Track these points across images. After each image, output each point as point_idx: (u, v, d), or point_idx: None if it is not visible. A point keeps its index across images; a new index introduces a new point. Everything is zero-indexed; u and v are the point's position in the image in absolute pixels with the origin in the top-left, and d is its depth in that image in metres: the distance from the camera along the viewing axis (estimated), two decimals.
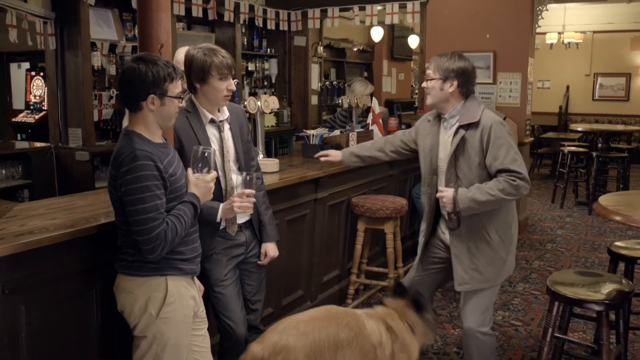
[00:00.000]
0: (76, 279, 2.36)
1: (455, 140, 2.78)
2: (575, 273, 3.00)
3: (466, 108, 2.81)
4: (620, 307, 2.72)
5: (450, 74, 2.77)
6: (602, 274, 2.99)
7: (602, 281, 2.82)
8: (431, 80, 2.83)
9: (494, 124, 2.74)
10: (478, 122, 2.75)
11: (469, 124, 2.76)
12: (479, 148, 2.74)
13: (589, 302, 2.59)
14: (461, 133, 2.77)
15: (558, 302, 2.70)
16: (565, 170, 7.87)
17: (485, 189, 2.68)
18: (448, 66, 2.77)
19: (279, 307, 3.71)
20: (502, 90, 6.26)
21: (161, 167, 2.05)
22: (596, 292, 2.67)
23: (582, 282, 2.79)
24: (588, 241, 6.23)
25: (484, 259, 2.82)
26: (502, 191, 2.65)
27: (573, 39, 11.35)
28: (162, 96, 2.09)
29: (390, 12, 6.71)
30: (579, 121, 12.03)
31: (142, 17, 2.36)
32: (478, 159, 2.75)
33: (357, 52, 10.63)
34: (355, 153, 3.40)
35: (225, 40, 6.83)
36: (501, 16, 6.14)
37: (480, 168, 2.77)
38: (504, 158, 2.70)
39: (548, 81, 12.50)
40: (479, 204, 2.68)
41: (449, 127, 2.88)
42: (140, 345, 2.14)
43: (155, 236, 2.01)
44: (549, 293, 2.74)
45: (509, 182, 2.66)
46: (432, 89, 2.82)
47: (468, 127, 2.77)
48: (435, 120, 2.97)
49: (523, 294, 4.65)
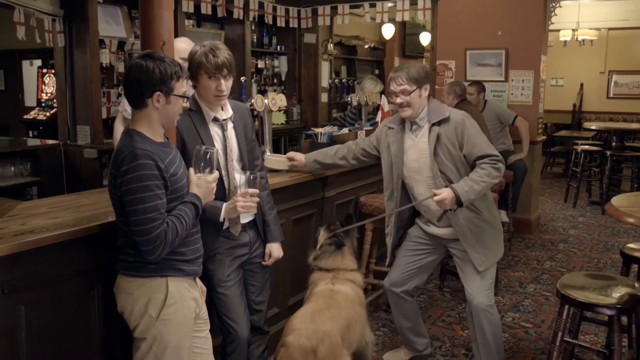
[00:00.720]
0: (77, 279, 2.33)
1: (432, 138, 2.97)
2: (586, 276, 2.93)
3: (432, 109, 3.03)
4: (633, 311, 2.65)
5: (423, 79, 2.99)
6: (614, 276, 2.93)
7: (614, 284, 2.75)
8: (410, 93, 2.95)
9: (464, 117, 2.99)
10: (448, 117, 2.98)
11: (440, 121, 2.97)
12: (454, 140, 2.95)
13: (600, 306, 2.54)
14: (435, 130, 2.97)
15: (568, 305, 2.63)
16: (578, 169, 7.76)
17: (476, 179, 2.87)
18: (417, 74, 2.97)
19: (285, 307, 3.67)
20: (514, 88, 6.18)
21: (162, 167, 2.02)
22: (608, 295, 2.61)
23: (593, 286, 2.73)
24: (601, 241, 6.14)
25: (488, 236, 3.04)
26: (489, 176, 2.88)
27: (587, 36, 11.19)
28: (167, 94, 2.06)
29: (401, 9, 6.62)
30: (593, 119, 11.88)
31: (144, 14, 2.33)
32: (456, 151, 2.96)
33: (368, 49, 10.56)
34: (318, 160, 3.51)
35: (234, 38, 6.80)
36: (513, 13, 6.06)
37: (460, 158, 2.97)
38: (482, 145, 2.94)
39: (562, 79, 12.34)
40: (476, 194, 2.87)
41: (419, 129, 3.05)
42: (141, 347, 2.11)
43: (155, 237, 1.98)
44: (559, 296, 2.68)
45: (492, 166, 2.89)
46: (413, 99, 2.96)
47: (439, 123, 2.98)
48: (399, 127, 3.13)
49: (534, 295, 4.58)
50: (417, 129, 3.06)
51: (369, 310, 4.19)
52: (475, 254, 3.02)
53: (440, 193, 2.85)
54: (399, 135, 3.13)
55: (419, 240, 3.27)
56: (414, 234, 3.30)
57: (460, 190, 2.84)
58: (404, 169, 3.12)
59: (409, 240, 3.31)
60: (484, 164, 2.90)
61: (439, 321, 4.09)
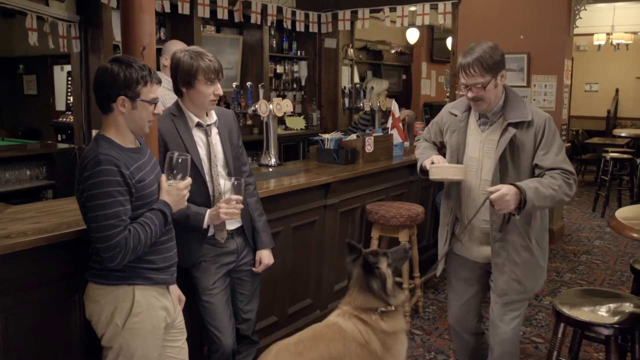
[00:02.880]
0: (56, 285, 2.31)
1: (505, 140, 2.53)
2: (588, 293, 2.78)
3: (511, 103, 2.57)
4: (633, 330, 2.49)
5: (499, 64, 2.50)
6: (620, 293, 2.77)
7: (618, 302, 2.60)
8: (485, 86, 2.49)
9: (547, 120, 2.55)
10: (531, 121, 2.52)
11: (519, 122, 2.52)
12: (531, 148, 2.53)
13: (596, 325, 2.39)
14: (511, 132, 2.52)
15: (564, 324, 2.50)
16: (607, 178, 7.50)
17: (545, 183, 2.44)
18: (492, 59, 2.48)
19: (284, 316, 3.61)
20: (537, 94, 5.99)
21: (126, 173, 1.98)
22: (607, 313, 2.47)
23: (593, 303, 2.59)
24: (627, 253, 5.89)
25: (525, 269, 2.63)
26: (560, 188, 2.45)
27: (622, 39, 10.83)
28: (133, 99, 2.02)
29: (422, 13, 6.54)
30: (628, 126, 11.49)
31: (125, 18, 2.31)
32: (529, 161, 2.54)
33: (395, 54, 10.46)
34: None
35: (253, 43, 6.79)
36: (536, 17, 5.88)
37: (530, 172, 2.56)
38: (556, 155, 2.51)
39: (596, 84, 11.98)
40: (542, 200, 2.43)
41: (488, 124, 2.62)
42: (108, 356, 2.08)
43: (114, 244, 1.94)
44: (554, 314, 2.55)
45: (565, 180, 2.47)
46: (489, 92, 2.51)
47: (517, 125, 2.53)
48: (464, 115, 2.70)
49: (549, 309, 4.40)
50: (486, 122, 2.63)
51: None
52: (500, 281, 2.63)
53: (499, 188, 2.41)
54: (461, 124, 2.69)
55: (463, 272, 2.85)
56: (457, 263, 2.86)
57: (525, 187, 2.39)
58: (466, 162, 2.68)
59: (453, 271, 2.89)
60: (556, 174, 2.49)
61: (446, 334, 3.96)
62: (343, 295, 4.08)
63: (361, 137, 4.32)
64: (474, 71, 2.48)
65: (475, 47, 2.53)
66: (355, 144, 4.30)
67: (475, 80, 2.48)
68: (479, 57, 2.48)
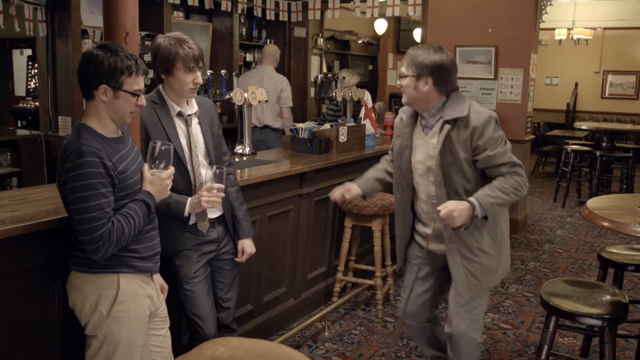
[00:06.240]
0: (35, 275, 2.27)
1: (442, 138, 2.53)
2: (568, 283, 2.85)
3: (449, 103, 2.56)
4: (621, 321, 2.59)
5: (424, 70, 2.49)
6: (595, 283, 2.88)
7: (598, 292, 2.71)
8: (405, 77, 2.55)
9: (488, 119, 2.52)
10: (467, 116, 2.50)
11: (456, 119, 2.52)
12: (468, 145, 2.51)
13: (591, 317, 2.49)
14: (447, 129, 2.52)
15: (555, 316, 2.57)
16: (568, 169, 7.72)
17: (503, 188, 2.47)
18: (422, 61, 2.50)
19: (259, 304, 3.62)
20: (503, 87, 6.12)
21: (109, 165, 1.95)
22: (594, 305, 2.56)
23: (577, 294, 2.67)
24: (587, 242, 6.10)
25: (479, 264, 2.63)
26: (515, 190, 2.48)
27: (582, 35, 11.14)
28: (116, 89, 1.99)
29: (392, 4, 6.56)
30: (587, 119, 11.84)
31: (107, 3, 2.26)
32: (467, 156, 2.53)
33: (362, 44, 10.50)
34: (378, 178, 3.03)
35: (223, 30, 6.73)
36: (504, 10, 5.99)
37: (472, 167, 2.56)
38: (503, 154, 2.51)
39: (557, 78, 12.30)
40: (501, 207, 2.49)
41: (429, 125, 2.63)
42: (92, 345, 2.06)
43: (98, 237, 1.92)
44: (546, 307, 2.61)
45: (515, 179, 2.49)
46: (407, 87, 2.56)
47: (454, 122, 2.52)
48: (410, 119, 2.72)
49: (515, 296, 4.54)
50: (427, 125, 2.64)
51: (346, 308, 4.16)
52: (459, 283, 2.65)
53: (447, 205, 2.42)
54: (407, 129, 2.71)
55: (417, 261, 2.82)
56: (415, 254, 2.86)
57: (482, 201, 2.43)
58: (409, 169, 2.72)
59: (411, 263, 2.87)
60: (507, 175, 2.50)
61: None
62: (317, 283, 4.17)
63: (335, 127, 4.35)
64: (404, 61, 2.57)
65: (426, 46, 2.60)
66: (329, 134, 4.32)
67: (402, 70, 2.58)
68: (414, 53, 2.55)
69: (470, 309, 2.72)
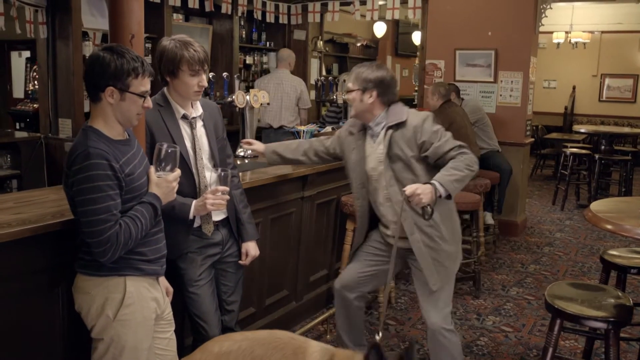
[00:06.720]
0: (40, 277, 2.26)
1: (387, 142, 2.80)
2: (572, 285, 2.88)
3: (391, 111, 2.84)
4: (626, 324, 2.60)
5: (369, 84, 2.80)
6: (599, 286, 2.91)
7: (602, 295, 2.74)
8: (351, 92, 2.84)
9: (426, 118, 2.79)
10: (405, 121, 2.78)
11: (397, 124, 2.79)
12: (413, 143, 2.76)
13: (596, 320, 2.51)
14: (390, 133, 2.80)
15: (560, 319, 2.59)
16: (567, 172, 7.74)
17: (456, 166, 2.65)
18: (366, 76, 2.80)
19: (262, 306, 3.62)
20: (503, 90, 6.14)
21: (116, 167, 1.95)
22: (599, 308, 2.58)
23: (582, 297, 2.70)
24: (587, 245, 6.11)
25: (444, 251, 2.83)
26: (468, 166, 2.66)
27: (580, 38, 11.18)
28: (122, 91, 1.99)
29: (392, 7, 6.57)
30: (584, 122, 11.88)
31: (113, 6, 2.26)
32: (414, 153, 2.77)
33: (361, 47, 10.53)
34: (278, 152, 3.33)
35: (222, 33, 6.73)
36: (504, 14, 6.01)
37: (421, 164, 2.79)
38: (447, 142, 2.73)
39: (554, 81, 12.34)
40: (460, 183, 2.65)
41: (376, 134, 2.88)
42: (98, 347, 2.06)
43: (105, 239, 1.92)
44: (551, 310, 2.63)
45: (465, 157, 2.69)
46: (354, 100, 2.84)
47: (397, 126, 2.79)
48: (360, 133, 2.96)
49: (516, 299, 4.54)
50: (374, 134, 2.88)
51: None
52: (428, 271, 2.81)
53: (412, 187, 2.60)
54: (359, 142, 2.95)
55: (377, 246, 3.04)
56: (374, 238, 3.06)
57: (442, 180, 2.59)
58: (366, 177, 2.94)
59: (368, 244, 3.07)
60: (457, 156, 2.68)
61: (419, 324, 4.04)
62: (319, 286, 4.17)
63: (336, 129, 4.34)
64: (350, 78, 2.88)
65: (369, 64, 2.89)
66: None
67: (349, 85, 2.87)
68: (359, 70, 2.85)
69: (443, 304, 2.88)
